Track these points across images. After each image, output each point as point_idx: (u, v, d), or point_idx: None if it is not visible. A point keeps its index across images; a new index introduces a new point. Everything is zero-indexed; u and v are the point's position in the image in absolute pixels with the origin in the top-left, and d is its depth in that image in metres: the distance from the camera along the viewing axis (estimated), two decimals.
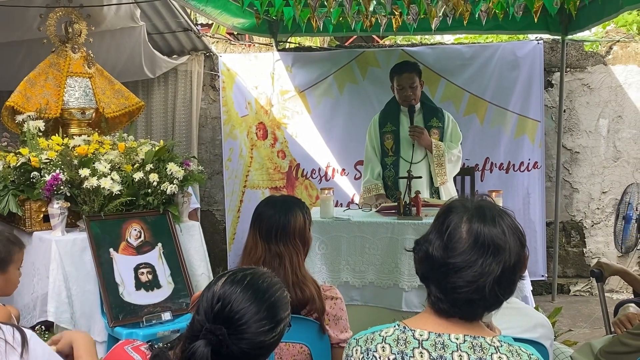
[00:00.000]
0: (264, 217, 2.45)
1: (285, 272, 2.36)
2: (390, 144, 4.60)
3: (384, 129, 4.64)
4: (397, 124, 4.60)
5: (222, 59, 6.11)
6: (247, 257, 2.44)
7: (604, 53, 5.98)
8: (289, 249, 2.41)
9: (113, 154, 3.78)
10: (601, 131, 6.00)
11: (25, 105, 3.93)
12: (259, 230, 2.43)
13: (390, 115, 4.65)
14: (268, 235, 2.40)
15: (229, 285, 1.54)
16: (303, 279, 2.40)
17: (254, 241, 2.44)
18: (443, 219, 1.55)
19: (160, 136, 5.98)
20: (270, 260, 2.37)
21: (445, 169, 4.46)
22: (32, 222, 3.65)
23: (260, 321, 1.52)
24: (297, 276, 2.38)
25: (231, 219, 6.16)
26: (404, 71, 4.53)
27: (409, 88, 4.49)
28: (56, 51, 4.13)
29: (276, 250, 2.39)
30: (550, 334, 2.39)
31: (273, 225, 2.42)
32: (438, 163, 4.45)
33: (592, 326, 5.04)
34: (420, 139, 4.43)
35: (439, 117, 4.61)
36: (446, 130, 4.60)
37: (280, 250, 2.39)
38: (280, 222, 2.42)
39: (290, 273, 2.37)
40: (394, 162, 4.57)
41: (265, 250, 2.40)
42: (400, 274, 3.89)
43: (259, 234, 2.43)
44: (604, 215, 6.05)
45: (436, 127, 4.56)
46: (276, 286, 1.62)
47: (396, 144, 4.57)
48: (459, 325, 1.52)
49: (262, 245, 2.41)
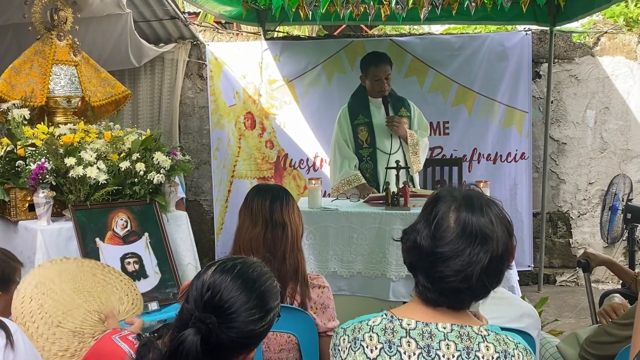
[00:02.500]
0: (264, 191, 2.52)
1: (287, 241, 2.43)
2: (364, 135, 4.59)
3: (355, 121, 4.61)
4: (369, 115, 4.60)
5: (210, 47, 6.07)
6: (243, 235, 2.46)
7: (591, 44, 6.00)
8: (292, 218, 2.47)
9: (99, 143, 3.75)
10: (588, 122, 6.03)
11: (10, 94, 3.88)
12: (261, 203, 2.47)
13: (359, 107, 4.64)
14: (272, 203, 2.45)
15: (219, 274, 1.54)
16: (299, 252, 2.48)
17: (251, 217, 2.46)
18: (431, 208, 1.54)
19: (146, 125, 5.93)
20: (273, 229, 2.42)
21: (419, 157, 4.53)
22: (17, 211, 3.61)
23: (249, 310, 1.51)
24: (296, 246, 2.47)
25: (219, 209, 6.14)
26: (381, 62, 4.52)
27: (384, 79, 4.50)
28: (41, 38, 4.07)
29: (278, 219, 2.44)
30: (537, 324, 2.41)
31: (277, 196, 2.49)
32: (413, 152, 4.50)
33: (578, 316, 5.08)
34: (398, 129, 4.46)
35: (406, 106, 4.66)
36: (413, 119, 4.66)
37: (283, 218, 2.44)
38: (282, 194, 2.52)
39: (291, 242, 2.44)
40: (371, 154, 4.57)
41: (267, 222, 2.43)
42: (388, 264, 3.90)
43: (260, 207, 2.46)
44: (591, 206, 6.09)
45: (405, 116, 4.60)
46: (266, 275, 1.62)
47: (371, 136, 4.57)
48: (446, 315, 1.52)
49: (262, 218, 2.44)
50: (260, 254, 2.39)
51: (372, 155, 4.56)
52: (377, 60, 4.54)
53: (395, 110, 4.57)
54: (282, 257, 2.41)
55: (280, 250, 2.41)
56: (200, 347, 1.45)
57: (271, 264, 2.38)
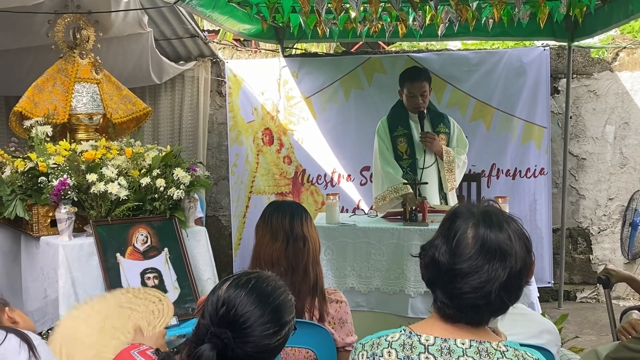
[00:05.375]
0: (283, 207, 2.56)
1: (308, 254, 2.46)
2: (404, 147, 4.52)
3: (395, 132, 4.56)
4: (409, 127, 4.53)
5: (229, 65, 6.13)
6: (264, 250, 2.48)
7: (610, 59, 5.97)
8: (311, 233, 2.51)
9: (120, 159, 3.80)
10: (607, 137, 5.99)
11: (33, 111, 3.95)
12: (280, 218, 2.49)
13: (399, 119, 4.59)
14: (292, 219, 2.49)
15: (234, 289, 1.55)
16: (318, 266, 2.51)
17: (271, 232, 2.48)
18: (449, 224, 1.55)
19: (167, 142, 5.99)
20: (294, 243, 2.45)
21: (454, 174, 4.45)
22: (39, 226, 3.66)
23: (264, 324, 1.53)
24: (316, 260, 2.50)
25: (237, 224, 6.16)
26: (416, 79, 4.46)
27: (419, 96, 4.44)
28: (64, 57, 4.15)
29: (299, 233, 2.47)
30: (557, 340, 2.38)
31: (296, 211, 2.52)
32: (448, 169, 4.43)
33: (599, 333, 5.02)
34: (432, 145, 4.41)
35: (445, 122, 4.59)
36: (452, 135, 4.59)
37: (303, 233, 2.47)
38: (300, 209, 2.56)
39: (311, 256, 2.47)
40: (411, 165, 4.48)
41: (288, 236, 2.46)
42: (406, 280, 3.89)
43: (281, 222, 2.48)
44: (611, 222, 6.03)
45: (444, 132, 4.54)
46: (280, 289, 1.63)
47: (410, 147, 4.51)
48: (465, 331, 1.52)
49: (283, 233, 2.46)
50: (282, 267, 2.41)
51: (412, 166, 4.47)
52: (412, 77, 4.48)
53: (434, 126, 4.52)
54: (303, 270, 2.43)
55: (302, 264, 2.43)
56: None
57: (292, 277, 2.39)
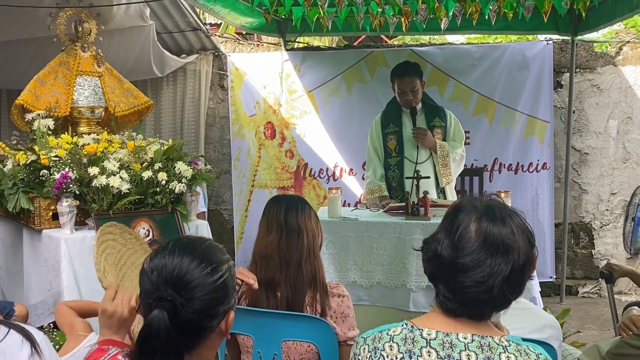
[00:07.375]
0: (280, 200, 2.55)
1: (302, 247, 2.42)
2: (393, 144, 4.56)
3: (386, 130, 4.60)
4: (400, 124, 4.56)
5: (231, 58, 6.12)
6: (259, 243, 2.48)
7: (613, 54, 5.95)
8: (308, 225, 2.47)
9: (122, 153, 3.80)
10: (610, 132, 5.97)
11: (35, 104, 3.95)
12: (276, 210, 2.48)
13: (392, 116, 4.61)
14: (287, 211, 2.47)
15: (154, 257, 1.51)
16: (316, 259, 2.46)
17: (267, 226, 2.48)
18: (452, 218, 1.54)
19: (169, 135, 5.99)
20: (287, 235, 2.42)
21: (450, 169, 4.45)
22: (41, 220, 3.67)
23: (199, 266, 1.48)
24: (312, 253, 2.45)
25: (239, 218, 6.16)
26: (404, 75, 4.46)
27: (410, 92, 4.44)
28: (66, 50, 4.15)
29: (293, 225, 2.44)
30: (559, 335, 2.38)
31: (293, 203, 2.51)
32: (443, 163, 4.43)
33: (601, 328, 5.02)
34: (423, 141, 4.42)
35: (441, 116, 4.58)
36: (449, 129, 4.58)
37: (298, 224, 2.45)
38: (298, 202, 2.53)
39: (306, 248, 2.43)
40: (398, 163, 4.53)
41: (282, 228, 2.44)
42: (408, 274, 3.88)
43: (275, 214, 2.47)
44: (613, 216, 6.02)
45: (439, 126, 4.53)
46: (202, 239, 1.59)
47: (399, 145, 4.53)
48: (467, 325, 1.51)
49: (277, 225, 2.45)
50: (274, 262, 2.40)
51: (399, 164, 4.52)
52: (402, 73, 4.48)
53: (428, 120, 4.52)
54: (297, 263, 2.40)
55: (295, 257, 2.41)
56: (169, 322, 1.41)
57: (286, 270, 2.39)
